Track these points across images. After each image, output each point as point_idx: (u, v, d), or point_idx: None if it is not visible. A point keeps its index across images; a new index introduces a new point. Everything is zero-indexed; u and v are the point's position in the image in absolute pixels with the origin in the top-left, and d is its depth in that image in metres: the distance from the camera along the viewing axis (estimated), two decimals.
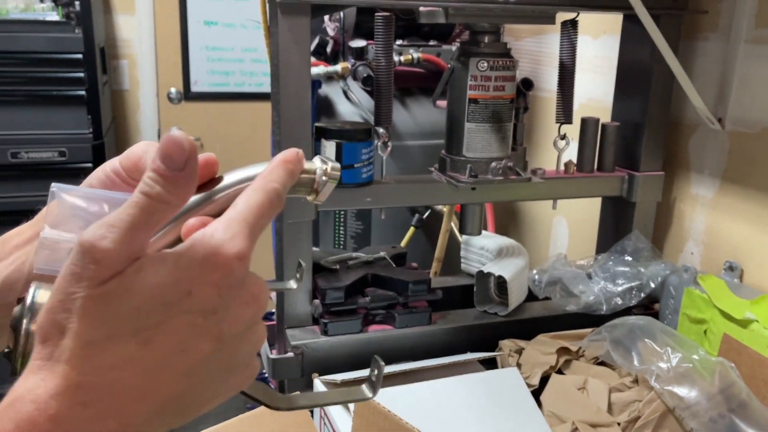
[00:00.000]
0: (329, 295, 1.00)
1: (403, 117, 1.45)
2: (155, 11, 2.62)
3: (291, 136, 0.93)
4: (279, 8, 0.88)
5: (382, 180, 1.05)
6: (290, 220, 0.97)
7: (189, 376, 0.33)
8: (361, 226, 1.47)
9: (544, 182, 1.08)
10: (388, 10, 0.97)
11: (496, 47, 1.02)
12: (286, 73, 0.92)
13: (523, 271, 1.11)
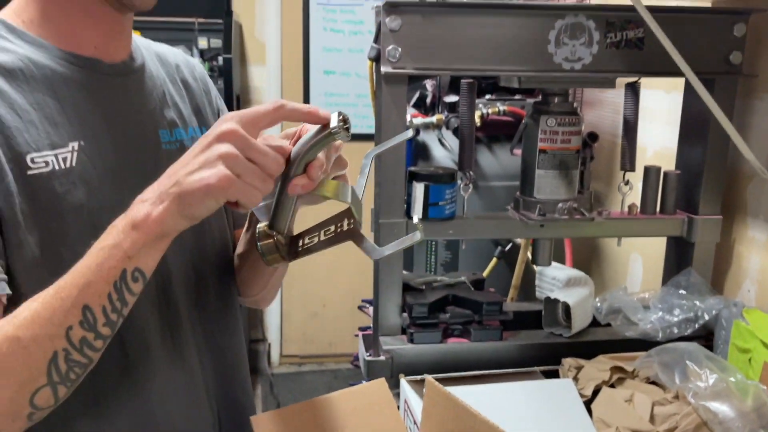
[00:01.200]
0: (415, 310, 1.21)
1: (490, 161, 1.65)
2: (282, 63, 3.00)
3: (387, 177, 1.16)
4: (383, 78, 1.12)
5: (463, 216, 1.25)
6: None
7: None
8: (449, 255, 1.67)
9: (606, 222, 1.24)
10: (472, 77, 1.19)
11: (563, 107, 1.20)
12: (386, 128, 1.15)
13: (587, 299, 1.26)
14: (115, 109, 0.77)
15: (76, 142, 0.72)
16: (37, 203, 0.68)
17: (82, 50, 0.75)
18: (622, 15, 1.15)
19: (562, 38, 1.14)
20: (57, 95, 0.72)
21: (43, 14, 0.73)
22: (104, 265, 0.61)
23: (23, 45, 0.72)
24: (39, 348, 0.60)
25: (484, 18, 1.11)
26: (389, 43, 1.10)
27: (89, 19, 0.74)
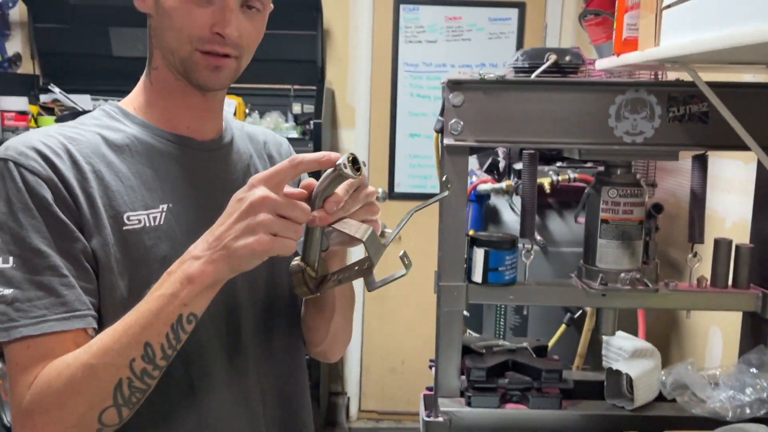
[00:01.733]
0: (473, 373, 1.23)
1: (561, 227, 1.66)
2: (371, 126, 3.15)
3: (447, 240, 1.22)
4: (446, 149, 1.19)
5: (525, 282, 1.27)
6: (445, 309, 1.24)
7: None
8: (519, 319, 1.68)
9: (673, 294, 1.22)
10: (532, 148, 1.23)
11: (626, 178, 1.22)
12: (447, 196, 1.21)
13: (652, 372, 1.24)
14: (201, 178, 0.91)
15: (165, 205, 0.86)
16: (129, 254, 0.81)
17: (177, 130, 0.90)
18: (684, 90, 1.16)
19: (622, 112, 1.17)
20: (154, 166, 0.87)
21: (147, 102, 0.90)
22: (164, 310, 0.73)
23: (131, 125, 0.88)
24: (107, 375, 0.72)
25: (543, 94, 1.16)
26: (452, 117, 1.17)
27: (182, 105, 0.90)
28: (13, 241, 0.77)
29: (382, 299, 3.30)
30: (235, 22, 0.84)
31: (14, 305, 0.75)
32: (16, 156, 0.79)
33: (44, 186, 0.78)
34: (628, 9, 1.21)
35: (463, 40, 3.08)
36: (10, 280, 0.76)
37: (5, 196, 0.78)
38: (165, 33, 0.86)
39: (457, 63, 3.09)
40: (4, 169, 0.79)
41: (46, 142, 0.81)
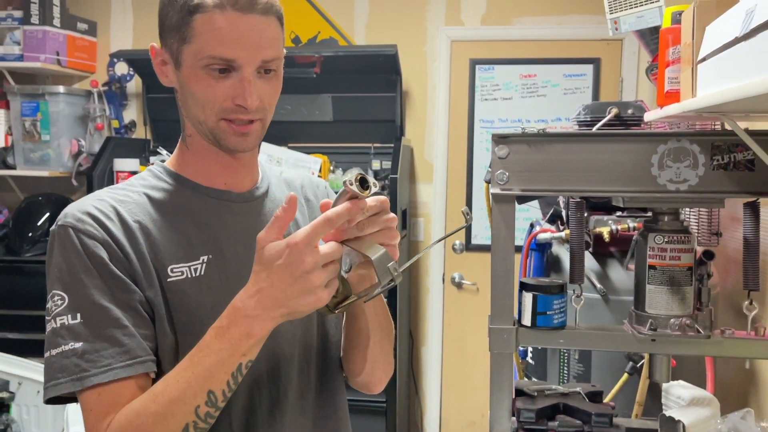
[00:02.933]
0: (522, 414, 1.27)
1: (621, 275, 1.67)
2: (448, 180, 3.26)
3: (498, 285, 1.28)
4: (492, 198, 1.28)
5: (575, 327, 1.31)
6: (495, 351, 1.29)
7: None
8: (582, 367, 1.69)
9: (727, 341, 1.21)
10: (577, 197, 1.29)
11: (672, 225, 1.24)
12: (496, 242, 1.28)
13: (707, 422, 1.22)
14: (239, 228, 0.99)
15: (205, 256, 0.95)
16: (174, 303, 0.91)
17: (215, 185, 1.00)
18: (727, 139, 1.19)
19: (665, 161, 1.21)
20: (195, 220, 0.96)
21: (186, 162, 1.01)
22: (225, 362, 0.82)
23: (174, 183, 0.99)
24: (176, 422, 0.83)
25: (585, 145, 1.23)
26: (498, 168, 1.26)
27: (217, 165, 1.00)
28: (79, 300, 0.86)
29: (461, 352, 3.32)
30: (255, 91, 0.90)
31: (84, 357, 0.85)
32: (74, 222, 0.89)
33: (100, 247, 0.88)
34: (669, 64, 1.27)
35: (538, 96, 3.16)
36: (79, 334, 0.85)
37: (68, 260, 0.88)
38: (191, 106, 0.93)
39: (533, 118, 3.17)
40: (64, 235, 0.89)
41: (99, 207, 0.91)
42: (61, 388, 0.85)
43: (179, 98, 0.97)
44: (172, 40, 0.93)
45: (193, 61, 0.90)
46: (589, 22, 3.06)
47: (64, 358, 0.85)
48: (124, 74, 3.39)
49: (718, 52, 1.01)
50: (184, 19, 0.90)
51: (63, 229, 0.89)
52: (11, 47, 3.13)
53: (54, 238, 0.90)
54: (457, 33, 3.19)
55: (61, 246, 0.89)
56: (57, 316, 0.87)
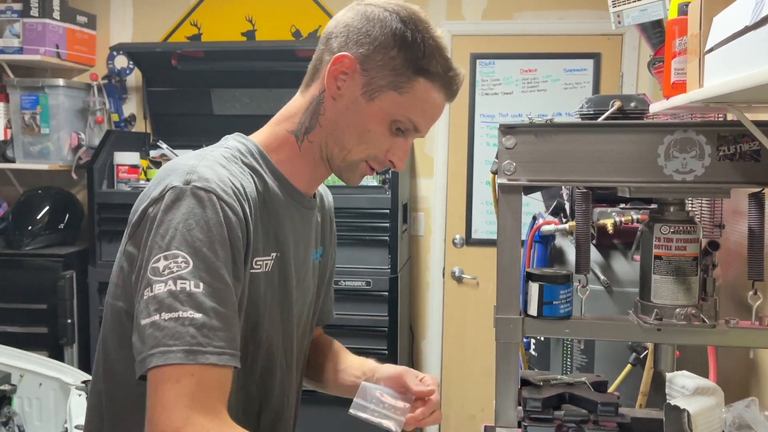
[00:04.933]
0: (529, 404, 1.28)
1: (625, 267, 1.68)
2: (448, 175, 3.26)
3: (504, 275, 1.28)
4: (499, 188, 1.28)
5: (581, 317, 1.31)
6: (502, 340, 1.30)
7: None
8: (585, 359, 1.69)
9: (731, 330, 1.22)
10: (584, 187, 1.30)
11: (678, 215, 1.25)
12: (502, 233, 1.29)
13: (712, 410, 1.23)
14: (299, 231, 1.04)
15: (275, 253, 0.97)
16: (250, 295, 0.92)
17: (300, 186, 1.02)
18: (733, 129, 1.20)
19: (671, 152, 1.21)
20: (276, 214, 0.98)
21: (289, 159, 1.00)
22: None
23: (270, 176, 0.98)
24: None
25: (591, 136, 1.23)
26: (505, 158, 1.26)
27: (312, 172, 1.03)
28: (206, 269, 0.80)
29: (461, 346, 3.33)
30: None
31: (202, 330, 0.77)
32: (219, 191, 0.84)
33: (238, 227, 0.85)
34: (675, 55, 1.27)
35: (538, 91, 3.17)
36: (200, 305, 0.78)
37: (206, 225, 0.81)
38: (349, 134, 0.95)
39: (534, 113, 3.16)
40: (207, 199, 0.82)
41: (235, 183, 0.88)
42: (171, 357, 0.76)
43: (332, 111, 0.95)
44: (382, 74, 0.92)
45: (391, 109, 0.93)
46: (590, 16, 3.06)
47: (181, 325, 0.77)
48: (123, 67, 3.39)
49: (727, 42, 1.02)
50: (408, 71, 0.92)
51: (206, 193, 0.83)
52: (11, 40, 3.12)
53: (188, 197, 0.83)
54: (458, 27, 3.19)
55: (200, 207, 0.82)
56: (179, 279, 0.78)
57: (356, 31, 0.93)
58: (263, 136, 1.01)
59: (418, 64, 0.92)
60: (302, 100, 0.99)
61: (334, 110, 0.95)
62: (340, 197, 2.80)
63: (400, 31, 0.92)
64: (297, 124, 0.98)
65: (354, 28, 0.94)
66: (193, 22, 3.35)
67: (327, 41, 0.97)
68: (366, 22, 0.93)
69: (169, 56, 3.09)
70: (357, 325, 2.76)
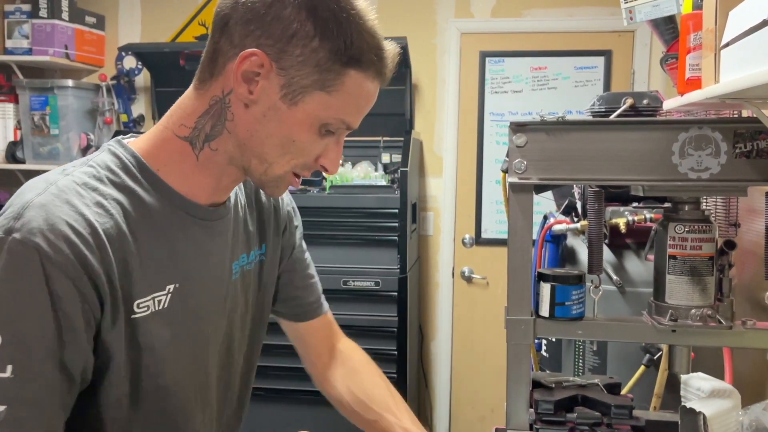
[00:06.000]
0: (540, 406, 1.26)
1: (638, 267, 1.65)
2: (458, 174, 3.24)
3: (515, 276, 1.26)
4: (510, 187, 1.26)
5: (593, 317, 1.29)
6: (513, 342, 1.28)
7: None
8: (597, 360, 1.67)
9: (749, 332, 1.19)
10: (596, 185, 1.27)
11: (693, 214, 1.23)
12: (513, 233, 1.27)
13: (728, 413, 1.20)
14: (207, 249, 0.86)
15: (172, 285, 0.80)
16: (135, 341, 0.77)
17: (199, 200, 0.84)
18: (750, 126, 1.17)
19: (686, 149, 1.19)
20: (168, 240, 0.79)
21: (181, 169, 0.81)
22: None
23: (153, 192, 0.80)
24: None
25: (604, 133, 1.21)
26: (515, 157, 1.24)
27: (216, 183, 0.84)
28: (17, 348, 0.66)
29: (471, 346, 3.31)
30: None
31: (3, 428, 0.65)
32: (43, 245, 0.66)
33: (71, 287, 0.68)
34: (690, 50, 1.25)
35: (549, 89, 3.14)
36: (4, 394, 0.65)
37: (20, 290, 0.66)
38: (268, 146, 0.78)
39: (544, 111, 3.14)
40: (23, 256, 0.66)
41: (76, 226, 0.70)
42: None
43: (244, 118, 0.78)
44: (303, 71, 0.75)
45: (319, 112, 0.77)
46: (601, 13, 3.03)
47: None
48: (132, 68, 3.39)
49: (744, 36, 0.99)
50: (334, 65, 0.75)
51: (23, 247, 0.66)
52: (20, 41, 3.13)
53: (3, 253, 0.66)
54: (467, 25, 3.17)
55: (13, 268, 0.66)
56: None
57: (261, 14, 0.73)
58: (146, 143, 0.82)
59: (347, 54, 0.76)
60: (198, 101, 0.80)
61: (246, 117, 0.78)
62: (349, 197, 2.80)
63: (317, 14, 0.73)
64: (192, 130, 0.80)
65: (257, 9, 0.73)
66: (201, 22, 3.35)
67: (224, 25, 0.76)
68: (267, 1, 0.73)
69: (178, 56, 3.09)
70: (366, 325, 2.74)
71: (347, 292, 2.74)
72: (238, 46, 0.76)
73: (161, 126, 0.84)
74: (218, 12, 0.78)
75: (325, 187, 2.83)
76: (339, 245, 2.76)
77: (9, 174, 3.36)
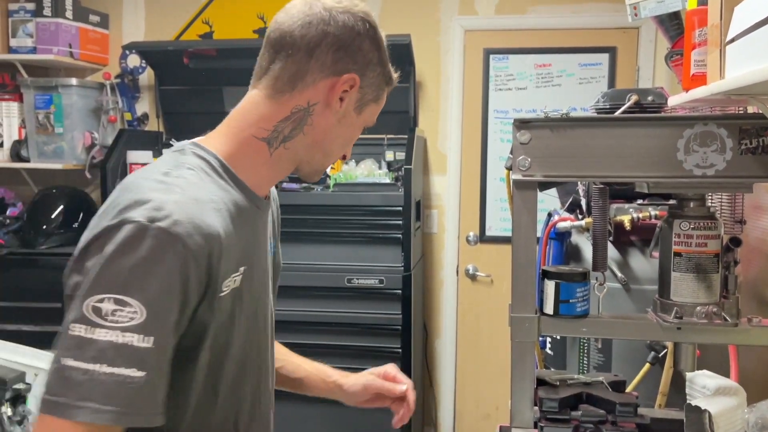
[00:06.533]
0: (545, 404, 1.25)
1: (643, 264, 1.64)
2: (462, 172, 3.24)
3: (519, 273, 1.26)
4: (514, 184, 1.25)
5: (598, 315, 1.28)
6: (517, 339, 1.27)
7: None
8: (602, 358, 1.66)
9: (755, 329, 1.19)
10: (601, 183, 1.27)
11: (698, 211, 1.22)
12: (517, 230, 1.26)
13: (733, 411, 1.20)
14: (261, 236, 1.01)
15: (243, 267, 0.91)
16: (218, 320, 0.88)
17: (262, 193, 0.99)
18: (756, 122, 1.16)
19: (691, 146, 1.18)
20: (243, 229, 0.92)
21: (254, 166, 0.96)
22: None
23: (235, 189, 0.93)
24: None
25: (608, 130, 1.20)
26: (519, 154, 1.24)
27: (277, 177, 1.01)
28: (159, 324, 0.76)
29: (475, 344, 3.30)
30: None
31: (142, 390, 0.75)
32: (185, 235, 0.78)
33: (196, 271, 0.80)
34: (695, 46, 1.24)
35: (553, 86, 3.13)
36: (145, 363, 0.75)
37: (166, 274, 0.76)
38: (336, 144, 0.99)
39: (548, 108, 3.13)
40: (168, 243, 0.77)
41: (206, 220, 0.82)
42: (103, 417, 0.73)
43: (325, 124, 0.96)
44: (370, 90, 0.99)
45: (370, 118, 1.02)
46: (605, 10, 3.02)
47: (118, 384, 0.73)
48: (136, 66, 3.39)
49: (749, 32, 0.99)
50: (382, 84, 1.00)
51: (168, 235, 0.77)
52: (24, 40, 3.13)
53: (150, 238, 0.76)
54: (471, 22, 3.16)
55: (161, 251, 0.76)
56: (125, 330, 0.74)
57: (347, 45, 0.94)
58: (226, 146, 0.95)
59: (388, 76, 1.01)
60: (276, 107, 0.94)
61: (325, 123, 0.96)
62: (352, 195, 2.79)
63: (379, 47, 0.98)
64: (271, 132, 0.95)
65: (344, 41, 0.94)
66: (204, 20, 3.35)
67: (310, 50, 0.93)
68: (352, 34, 0.95)
69: (181, 54, 3.09)
70: (370, 323, 2.74)
71: (351, 290, 2.74)
72: (330, 68, 0.94)
73: (235, 128, 0.96)
74: (302, 36, 0.94)
75: (329, 185, 2.83)
76: (343, 243, 2.76)
77: (14, 172, 3.37)
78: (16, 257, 3.02)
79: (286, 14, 0.95)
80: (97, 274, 0.76)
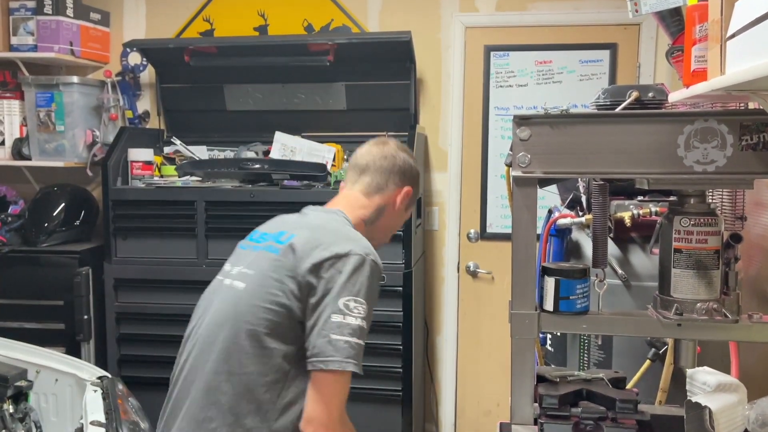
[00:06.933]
0: (545, 401, 1.25)
1: (643, 261, 1.64)
2: (463, 169, 3.23)
3: (519, 270, 1.26)
4: (514, 181, 1.25)
5: (598, 312, 1.28)
6: (517, 336, 1.27)
7: None
8: (603, 354, 1.66)
9: (755, 326, 1.19)
10: (601, 179, 1.27)
11: (699, 207, 1.22)
12: (518, 227, 1.26)
13: (734, 407, 1.20)
14: None
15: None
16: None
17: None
18: (757, 118, 1.16)
19: (692, 142, 1.18)
20: None
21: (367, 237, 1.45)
22: None
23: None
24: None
25: (609, 126, 1.20)
26: (519, 150, 1.24)
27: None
28: (369, 315, 1.31)
29: (476, 341, 3.31)
30: None
31: (360, 353, 1.28)
32: (378, 264, 1.35)
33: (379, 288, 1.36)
34: (696, 42, 1.24)
35: (554, 83, 3.13)
36: (364, 337, 1.29)
37: (373, 286, 1.33)
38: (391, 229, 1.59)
39: (549, 105, 3.12)
40: (376, 269, 1.34)
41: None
42: (358, 368, 1.28)
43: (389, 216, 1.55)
44: (413, 197, 1.58)
45: (407, 215, 1.61)
46: (606, 6, 3.01)
47: (360, 350, 1.28)
48: (137, 64, 3.39)
49: (749, 27, 0.98)
50: (416, 190, 1.59)
51: (375, 266, 1.35)
52: (25, 37, 3.13)
53: (368, 264, 1.32)
54: (472, 19, 3.16)
55: (372, 274, 1.33)
56: (362, 319, 1.29)
57: (408, 172, 1.56)
58: (354, 218, 1.50)
59: (418, 191, 1.63)
60: (368, 201, 1.52)
61: (389, 215, 1.55)
62: None
63: (418, 173, 1.61)
64: (368, 216, 1.52)
65: (407, 170, 1.56)
66: (205, 18, 3.34)
67: (392, 173, 1.53)
68: (410, 166, 1.56)
69: (182, 52, 3.08)
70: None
71: None
72: (399, 184, 1.55)
73: (355, 207, 1.52)
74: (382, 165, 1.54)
75: (330, 183, 2.83)
76: None
77: (15, 170, 3.37)
78: (18, 255, 3.03)
79: (367, 151, 1.56)
80: (342, 283, 1.30)
